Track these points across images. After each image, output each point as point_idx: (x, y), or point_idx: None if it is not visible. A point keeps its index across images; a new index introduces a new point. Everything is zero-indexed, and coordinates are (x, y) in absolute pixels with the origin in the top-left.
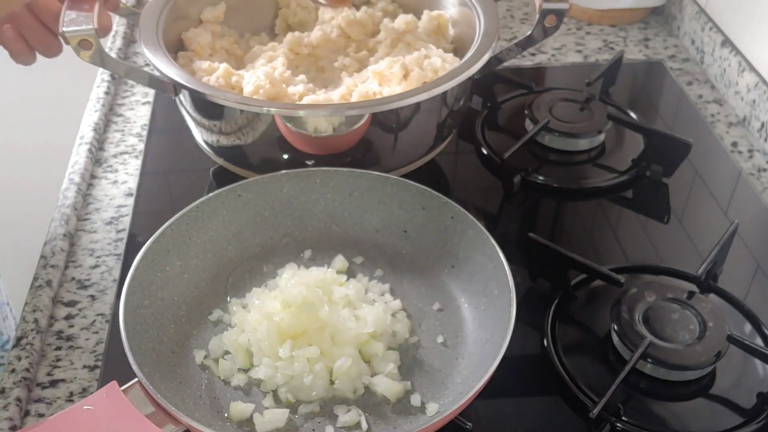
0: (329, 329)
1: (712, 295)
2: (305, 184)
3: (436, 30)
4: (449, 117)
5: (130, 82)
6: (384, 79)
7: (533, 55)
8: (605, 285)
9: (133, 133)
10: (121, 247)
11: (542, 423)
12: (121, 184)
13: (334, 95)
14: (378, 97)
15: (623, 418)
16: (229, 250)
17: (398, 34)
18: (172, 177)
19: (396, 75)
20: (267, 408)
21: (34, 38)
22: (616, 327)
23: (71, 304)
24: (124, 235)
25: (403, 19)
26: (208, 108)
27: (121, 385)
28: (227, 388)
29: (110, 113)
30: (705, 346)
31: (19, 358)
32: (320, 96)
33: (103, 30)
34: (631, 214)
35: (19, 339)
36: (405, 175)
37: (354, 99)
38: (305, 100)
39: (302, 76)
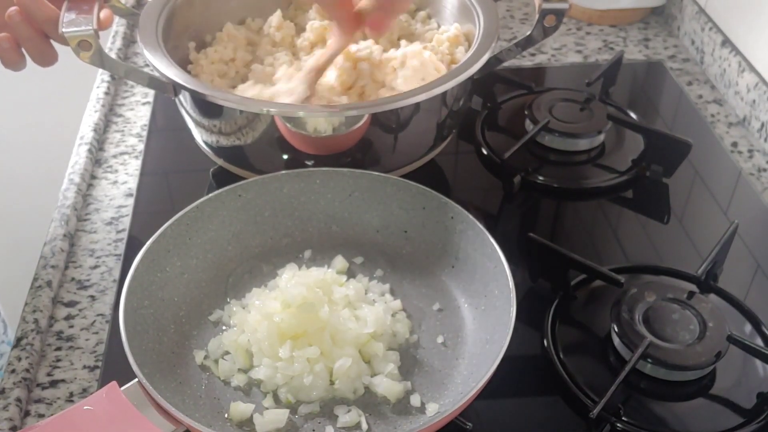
0: (329, 329)
1: (712, 295)
2: (305, 184)
3: (455, 41)
4: (449, 117)
5: (130, 82)
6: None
7: (533, 55)
8: (605, 285)
9: (133, 134)
10: (121, 248)
11: (542, 423)
12: (121, 184)
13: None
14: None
15: (623, 418)
16: (229, 250)
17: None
18: (172, 177)
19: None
20: (267, 408)
21: (32, 49)
22: (616, 327)
23: (71, 304)
24: (124, 235)
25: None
26: (207, 108)
27: (121, 386)
28: (227, 388)
29: (110, 113)
30: (705, 346)
31: (19, 359)
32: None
33: (104, 23)
34: (631, 214)
35: (19, 339)
36: (405, 175)
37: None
38: None
39: None
